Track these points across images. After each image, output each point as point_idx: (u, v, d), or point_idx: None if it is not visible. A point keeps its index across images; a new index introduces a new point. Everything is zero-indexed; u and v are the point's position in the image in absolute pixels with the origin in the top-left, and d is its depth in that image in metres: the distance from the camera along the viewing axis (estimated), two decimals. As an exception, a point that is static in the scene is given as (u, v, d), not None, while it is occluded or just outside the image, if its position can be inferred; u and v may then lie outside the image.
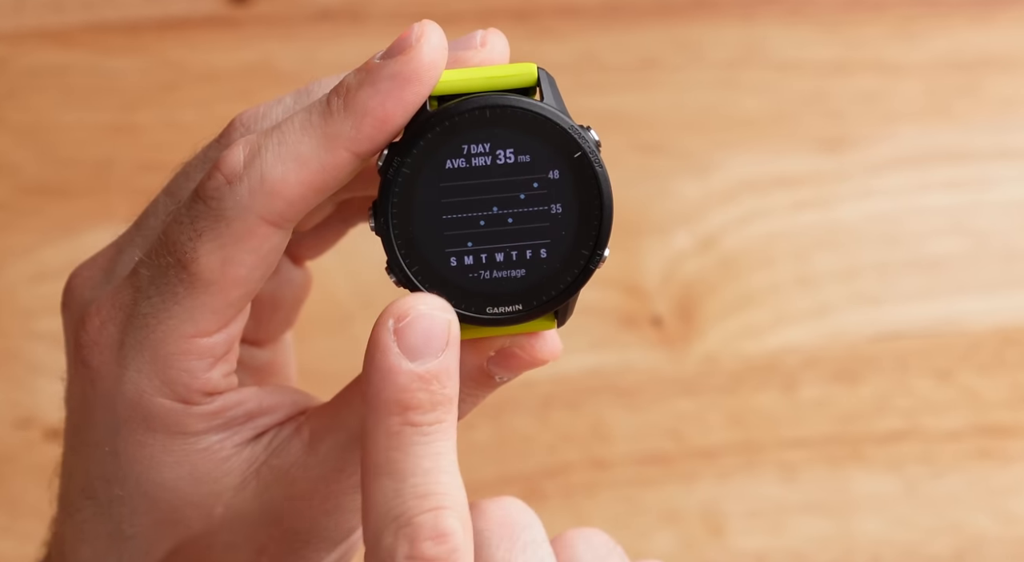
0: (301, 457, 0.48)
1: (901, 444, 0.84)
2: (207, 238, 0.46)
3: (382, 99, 0.45)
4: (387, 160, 0.45)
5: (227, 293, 0.46)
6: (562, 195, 0.46)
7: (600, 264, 0.46)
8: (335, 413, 0.49)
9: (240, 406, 0.48)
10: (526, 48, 0.90)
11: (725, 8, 0.91)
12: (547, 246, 0.46)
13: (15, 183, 0.87)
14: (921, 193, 0.89)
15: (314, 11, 0.90)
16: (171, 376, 0.47)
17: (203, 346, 0.47)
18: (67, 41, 0.89)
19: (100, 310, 0.48)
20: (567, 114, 0.46)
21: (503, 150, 0.45)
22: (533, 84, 0.46)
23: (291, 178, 0.45)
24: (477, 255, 0.46)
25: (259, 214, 0.46)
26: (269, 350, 0.55)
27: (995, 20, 0.92)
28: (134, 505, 0.48)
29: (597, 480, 0.83)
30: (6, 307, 0.85)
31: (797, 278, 0.87)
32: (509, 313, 0.46)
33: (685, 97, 0.90)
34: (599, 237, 0.46)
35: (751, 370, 0.85)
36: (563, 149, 0.46)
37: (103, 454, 0.48)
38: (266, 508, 0.48)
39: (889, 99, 0.90)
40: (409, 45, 0.46)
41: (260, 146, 0.46)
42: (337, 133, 0.45)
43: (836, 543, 0.83)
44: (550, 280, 0.46)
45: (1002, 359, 0.86)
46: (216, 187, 0.46)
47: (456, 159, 0.45)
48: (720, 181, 0.88)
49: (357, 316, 0.84)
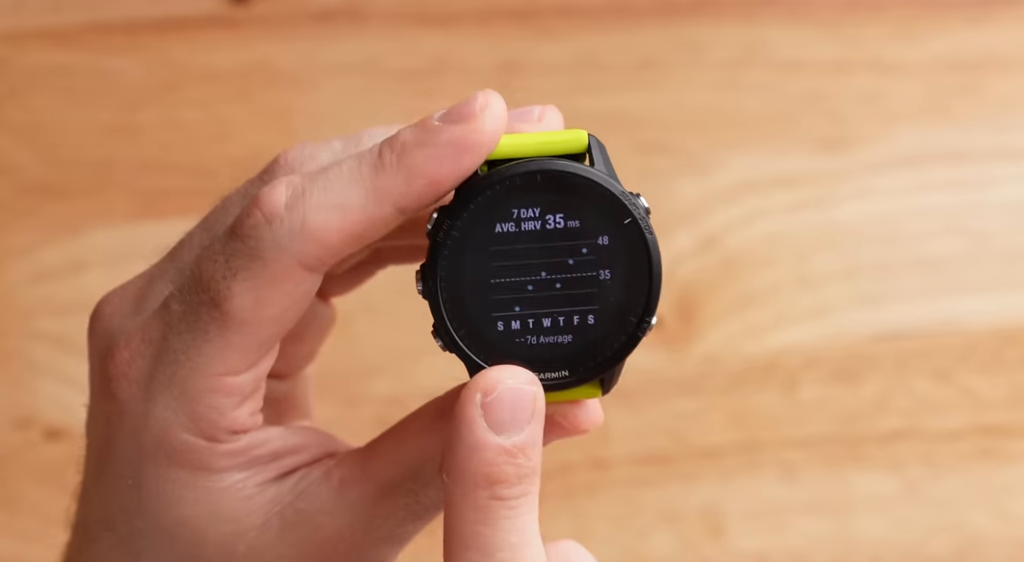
0: (329, 503, 0.48)
1: (901, 444, 0.84)
2: (242, 277, 0.45)
3: (439, 163, 0.45)
4: (436, 223, 0.45)
5: (258, 333, 0.46)
6: (611, 261, 0.46)
7: (648, 331, 0.46)
8: (367, 462, 0.48)
9: (265, 445, 0.48)
10: (526, 48, 0.90)
11: (725, 8, 0.91)
12: (595, 312, 0.46)
13: (15, 183, 0.87)
14: (921, 193, 0.89)
15: (314, 11, 0.90)
16: (199, 413, 0.46)
17: (232, 384, 0.46)
18: (67, 41, 0.89)
19: (130, 343, 0.47)
20: (617, 180, 0.46)
21: (553, 215, 0.45)
22: (584, 150, 0.46)
23: (333, 225, 0.45)
24: (524, 320, 0.45)
25: (297, 257, 0.45)
26: (289, 383, 0.54)
27: (995, 20, 0.92)
28: (154, 540, 0.48)
29: (597, 480, 0.83)
30: (6, 307, 0.85)
31: (797, 278, 0.87)
32: (555, 379, 0.46)
33: (686, 97, 0.90)
34: (648, 304, 0.46)
35: (751, 370, 0.85)
36: (613, 215, 0.45)
37: (125, 487, 0.48)
38: (289, 551, 0.48)
39: (889, 99, 0.90)
40: (472, 114, 0.45)
41: (304, 189, 0.45)
42: (386, 188, 0.45)
43: (836, 543, 0.83)
44: (597, 346, 0.46)
45: (1002, 359, 0.86)
46: (254, 225, 0.45)
47: (506, 223, 0.45)
48: (721, 181, 0.88)
49: (357, 316, 0.84)
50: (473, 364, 0.46)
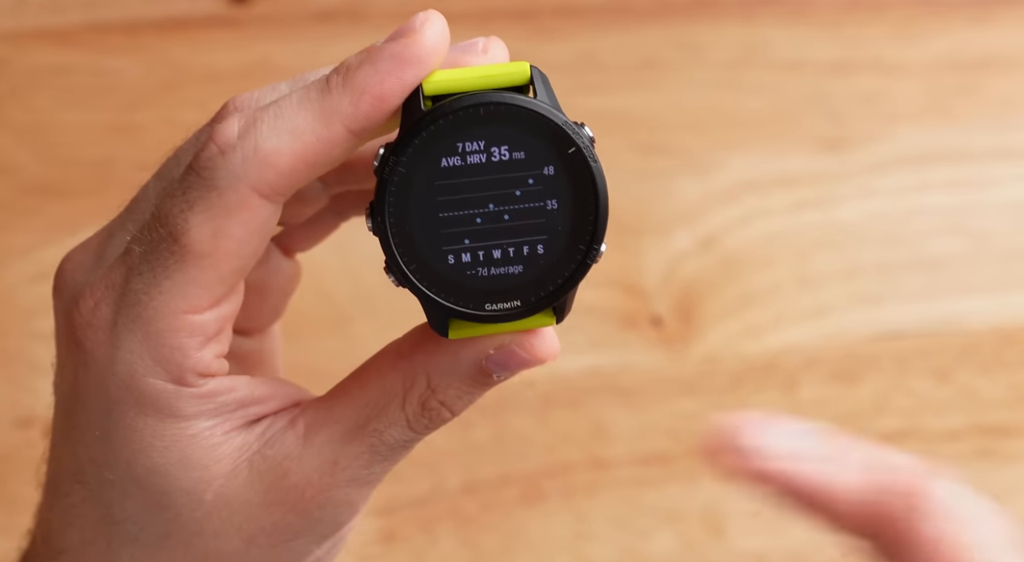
0: (295, 448, 0.49)
1: (901, 444, 0.84)
2: (199, 209, 0.46)
3: (381, 78, 0.46)
4: (383, 160, 0.46)
5: (218, 267, 0.46)
6: (557, 191, 0.46)
7: (597, 258, 0.46)
8: (331, 407, 0.49)
9: (231, 392, 0.49)
10: (526, 48, 0.90)
11: (726, 8, 0.91)
12: (544, 242, 0.46)
13: (15, 183, 0.87)
14: (921, 193, 0.89)
15: (314, 11, 0.90)
16: (163, 354, 0.47)
17: (194, 323, 0.47)
18: (67, 41, 0.89)
19: (93, 291, 0.48)
20: (561, 111, 0.46)
21: (498, 147, 0.46)
22: (526, 82, 0.46)
23: (285, 149, 0.46)
24: (474, 252, 0.46)
25: (251, 184, 0.46)
26: (256, 340, 0.55)
27: (995, 20, 0.92)
28: (124, 489, 0.49)
29: (597, 480, 0.83)
30: (6, 307, 0.85)
31: (797, 278, 0.87)
32: (508, 310, 0.46)
33: (685, 97, 0.90)
34: (595, 232, 0.46)
35: (751, 370, 0.85)
36: (557, 145, 0.46)
37: (94, 438, 0.48)
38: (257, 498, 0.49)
39: (889, 99, 0.90)
40: (413, 29, 0.46)
41: (256, 118, 0.46)
42: (334, 108, 0.46)
43: (836, 543, 0.83)
44: (548, 276, 0.46)
45: (1001, 359, 0.86)
46: (209, 157, 0.46)
47: (451, 157, 0.46)
48: (720, 181, 0.88)
49: (357, 316, 0.84)
50: (425, 298, 0.46)
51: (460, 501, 0.81)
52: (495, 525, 0.82)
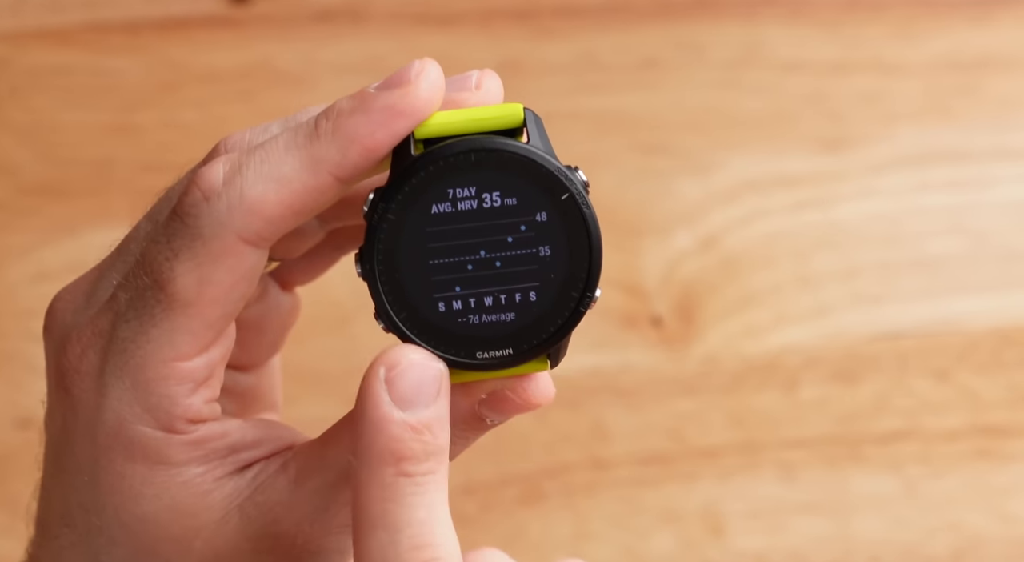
0: (287, 494, 0.47)
1: (900, 444, 0.84)
2: (184, 257, 0.45)
3: (372, 129, 0.45)
4: (372, 205, 0.45)
5: (205, 314, 0.46)
6: (550, 237, 0.45)
7: (591, 305, 0.46)
8: (322, 452, 0.48)
9: (223, 438, 0.48)
10: (526, 48, 0.90)
11: (726, 8, 0.91)
12: (536, 289, 0.45)
13: (15, 183, 0.87)
14: (921, 193, 0.89)
15: (314, 11, 0.90)
16: (152, 402, 0.46)
17: (183, 370, 0.46)
18: (67, 41, 0.89)
19: (81, 337, 0.47)
20: (554, 155, 0.45)
21: (489, 193, 0.45)
22: (519, 125, 0.46)
23: (271, 197, 0.45)
24: (465, 300, 0.45)
25: (236, 232, 0.45)
26: (254, 375, 0.54)
27: (995, 20, 0.92)
28: (112, 536, 0.48)
29: (597, 480, 0.83)
30: (6, 307, 0.85)
31: (797, 278, 0.87)
32: (499, 357, 0.46)
33: (686, 97, 0.90)
34: (589, 278, 0.46)
35: (751, 370, 0.85)
36: (550, 191, 0.45)
37: (82, 483, 0.48)
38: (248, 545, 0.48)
39: (889, 99, 0.90)
40: (408, 80, 0.45)
41: (241, 164, 0.45)
42: (322, 156, 0.45)
43: (836, 543, 0.83)
44: (540, 323, 0.46)
45: (1001, 359, 0.86)
46: (193, 203, 0.45)
47: (442, 203, 0.45)
48: (721, 181, 0.88)
49: (356, 316, 0.84)
50: None
51: (460, 501, 0.81)
52: (495, 525, 0.82)
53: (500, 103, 0.47)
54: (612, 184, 0.86)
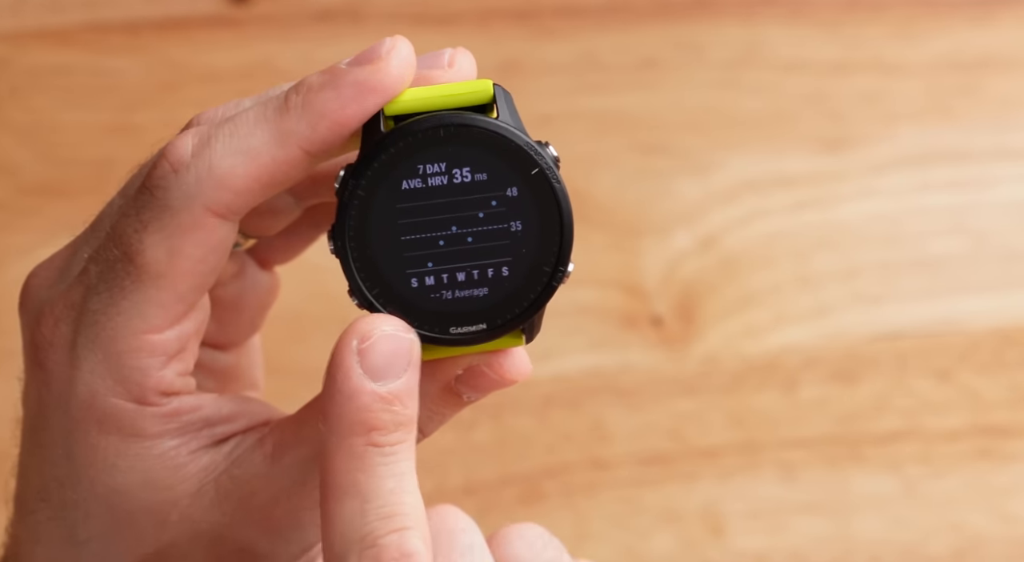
0: (263, 468, 0.48)
1: (900, 444, 0.84)
2: (153, 229, 0.45)
3: (342, 104, 0.45)
4: (343, 182, 0.45)
5: (175, 286, 0.46)
6: (521, 212, 0.45)
7: (564, 280, 0.46)
8: (300, 426, 0.48)
9: (196, 411, 0.48)
10: (526, 48, 0.90)
11: (725, 8, 0.91)
12: (508, 264, 0.46)
13: (15, 183, 0.87)
14: (921, 193, 0.89)
15: (314, 11, 0.90)
16: (123, 374, 0.46)
17: (154, 343, 0.46)
18: (67, 41, 0.89)
19: (54, 310, 0.47)
20: (523, 131, 0.45)
21: (459, 169, 0.45)
22: (489, 101, 0.46)
23: (239, 170, 0.45)
24: (438, 275, 0.45)
25: (205, 204, 0.45)
26: (233, 354, 0.54)
27: (995, 20, 0.92)
28: (88, 509, 0.48)
29: (597, 480, 0.83)
30: (6, 307, 0.85)
31: (797, 278, 0.87)
32: (473, 333, 0.46)
33: (685, 97, 0.90)
34: (560, 253, 0.46)
35: (751, 370, 0.85)
36: (520, 166, 0.45)
37: (57, 456, 0.48)
38: (224, 518, 0.48)
39: (889, 99, 0.90)
40: (379, 56, 0.45)
41: (210, 136, 0.46)
42: (291, 130, 0.45)
43: (836, 543, 0.83)
44: (513, 298, 0.46)
45: (1002, 359, 0.86)
46: (162, 175, 0.46)
47: (412, 179, 0.45)
48: (720, 181, 0.88)
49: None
50: None
51: (460, 501, 0.81)
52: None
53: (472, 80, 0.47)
54: (612, 184, 0.86)
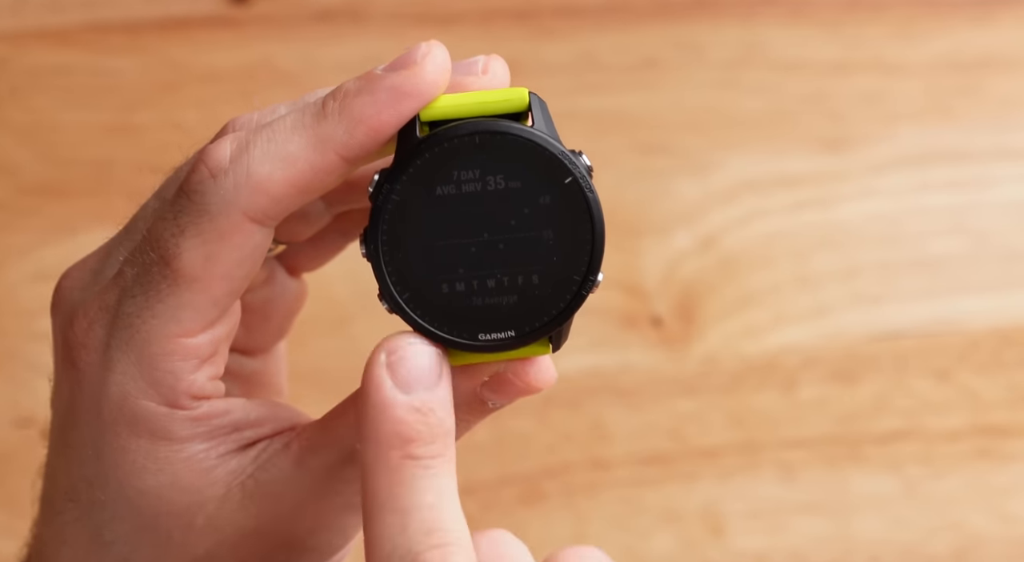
0: (289, 472, 0.48)
1: (900, 444, 0.84)
2: (190, 234, 0.46)
3: (378, 109, 0.45)
4: (377, 186, 0.45)
5: (210, 291, 0.46)
6: (553, 221, 0.45)
7: (594, 289, 0.46)
8: (325, 430, 0.48)
9: (226, 415, 0.48)
10: (526, 48, 0.90)
11: (725, 8, 0.91)
12: (539, 272, 0.45)
13: (15, 183, 0.87)
14: (921, 193, 0.89)
15: (314, 11, 0.90)
16: (156, 377, 0.46)
17: (188, 346, 0.46)
18: (67, 41, 0.89)
19: (88, 312, 0.48)
20: (558, 139, 0.45)
21: (493, 176, 0.45)
22: (524, 109, 0.46)
23: (277, 175, 0.45)
24: (469, 282, 0.45)
25: (243, 210, 0.45)
26: (260, 360, 0.54)
27: (995, 20, 0.92)
28: (115, 510, 0.48)
29: (597, 480, 0.83)
30: (6, 307, 0.85)
31: (797, 278, 0.87)
32: (501, 340, 0.46)
33: (685, 97, 0.90)
34: (591, 262, 0.46)
35: (751, 370, 0.85)
36: (554, 175, 0.45)
37: (86, 457, 0.48)
38: (250, 522, 0.48)
39: (889, 99, 0.90)
40: (414, 61, 0.45)
41: (248, 142, 0.46)
42: (329, 136, 0.45)
43: (836, 543, 0.83)
44: (543, 306, 0.46)
45: (1001, 359, 0.86)
46: (200, 180, 0.46)
47: (446, 186, 0.45)
48: (720, 181, 0.88)
49: (357, 316, 0.84)
50: (419, 327, 0.46)
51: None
52: (495, 525, 0.82)
53: (506, 87, 0.47)
54: (612, 184, 0.86)
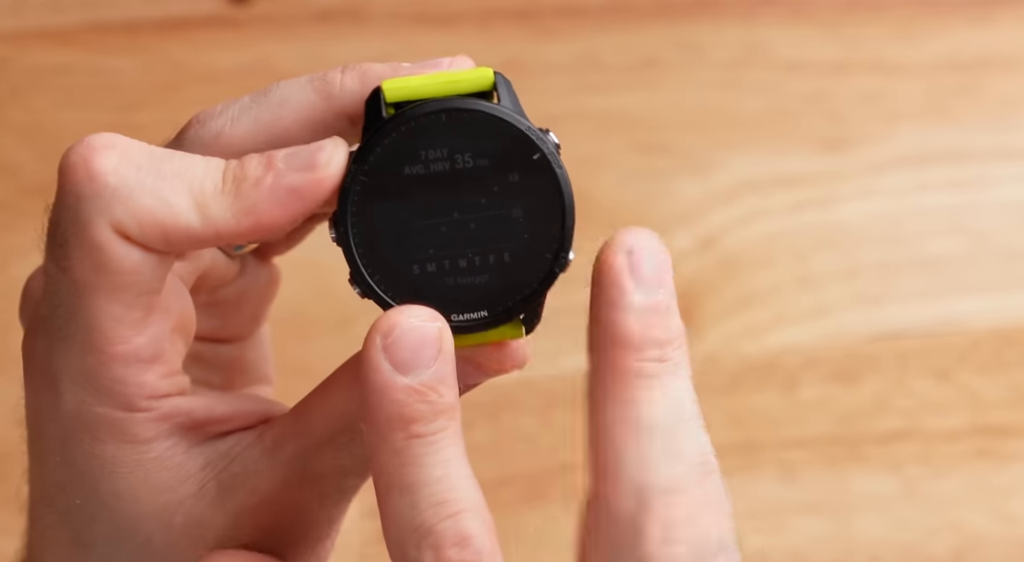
0: (263, 464, 0.47)
1: (900, 444, 0.84)
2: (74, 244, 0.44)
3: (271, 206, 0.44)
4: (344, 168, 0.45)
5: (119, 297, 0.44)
6: (523, 198, 0.45)
7: (566, 267, 0.45)
8: (297, 419, 0.47)
9: (190, 412, 0.47)
10: (526, 48, 0.90)
11: (726, 8, 0.91)
12: (510, 250, 0.45)
13: (15, 183, 0.87)
14: (921, 193, 0.89)
15: (314, 11, 0.90)
16: (103, 386, 0.45)
17: (124, 353, 0.45)
18: (67, 41, 0.89)
19: (32, 324, 0.47)
20: (525, 116, 0.45)
21: (461, 154, 0.45)
22: (490, 88, 0.45)
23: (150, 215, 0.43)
24: (440, 262, 0.45)
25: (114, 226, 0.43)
26: (237, 347, 0.53)
27: (995, 20, 0.92)
28: (91, 513, 0.47)
29: (597, 480, 0.83)
30: (7, 307, 0.85)
31: (797, 278, 0.87)
32: (474, 320, 0.45)
33: (685, 97, 0.90)
34: (562, 239, 0.45)
35: (751, 370, 0.85)
36: (522, 152, 0.45)
37: (55, 463, 0.47)
38: (228, 517, 0.47)
39: (889, 99, 0.90)
40: (317, 164, 0.44)
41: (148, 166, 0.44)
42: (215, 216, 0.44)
43: (836, 543, 0.83)
44: (515, 285, 0.45)
45: (1001, 359, 0.86)
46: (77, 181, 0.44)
47: (414, 165, 0.45)
48: (720, 181, 0.88)
49: (357, 316, 0.84)
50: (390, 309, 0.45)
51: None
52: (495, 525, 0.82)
53: None
54: (612, 184, 0.86)
